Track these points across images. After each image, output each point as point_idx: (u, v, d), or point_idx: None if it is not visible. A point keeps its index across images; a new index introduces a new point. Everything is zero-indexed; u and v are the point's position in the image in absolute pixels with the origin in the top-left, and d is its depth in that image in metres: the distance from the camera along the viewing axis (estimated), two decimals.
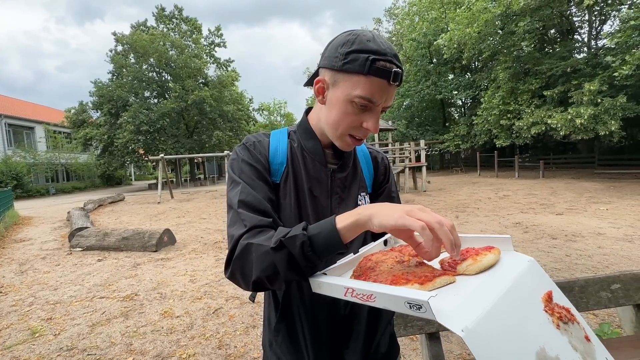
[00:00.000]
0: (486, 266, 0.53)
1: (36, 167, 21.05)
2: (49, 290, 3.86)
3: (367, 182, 0.84)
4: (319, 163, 0.77)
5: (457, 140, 20.35)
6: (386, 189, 0.87)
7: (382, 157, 0.91)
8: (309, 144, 0.78)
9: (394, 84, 0.63)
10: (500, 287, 0.47)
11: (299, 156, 0.77)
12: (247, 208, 0.65)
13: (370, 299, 0.47)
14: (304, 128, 0.80)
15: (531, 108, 14.55)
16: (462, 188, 12.63)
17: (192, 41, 23.89)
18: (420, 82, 22.66)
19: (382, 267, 0.58)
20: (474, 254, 0.55)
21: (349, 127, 0.68)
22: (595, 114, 11.59)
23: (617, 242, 4.55)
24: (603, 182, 11.62)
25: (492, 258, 0.54)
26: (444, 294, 0.45)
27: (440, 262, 0.59)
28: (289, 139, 0.80)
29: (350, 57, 0.62)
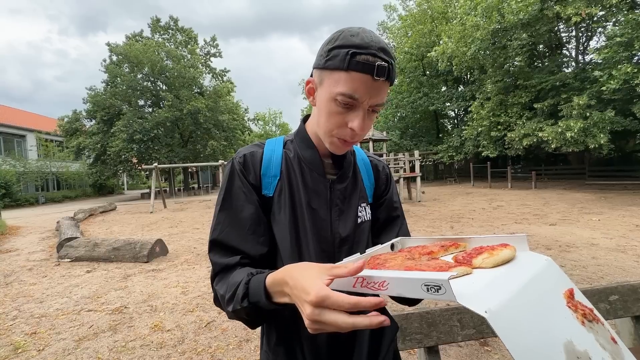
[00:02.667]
0: (503, 260, 0.51)
1: (26, 176, 20.67)
2: (34, 303, 3.72)
3: (367, 193, 0.81)
4: (318, 174, 0.74)
5: (451, 151, 20.58)
6: (387, 200, 0.85)
7: (383, 165, 0.89)
8: (306, 153, 0.75)
9: (380, 78, 0.58)
10: (521, 278, 0.45)
11: (295, 167, 0.74)
12: (218, 248, 0.67)
13: (382, 286, 0.44)
14: (301, 137, 0.77)
15: (522, 120, 14.84)
16: (456, 198, 12.70)
17: (187, 51, 24.04)
18: (413, 94, 23.04)
19: (393, 263, 0.56)
20: (489, 249, 0.53)
21: (334, 127, 0.65)
22: (585, 128, 11.84)
23: (610, 252, 4.59)
24: (594, 193, 11.80)
25: (508, 253, 0.52)
26: (463, 281, 0.43)
27: (454, 257, 0.56)
28: (284, 149, 0.77)
29: (332, 53, 0.60)
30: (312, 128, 0.76)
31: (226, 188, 0.70)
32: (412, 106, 22.71)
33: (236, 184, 0.70)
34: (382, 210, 0.84)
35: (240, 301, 0.57)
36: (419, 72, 23.85)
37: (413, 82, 23.39)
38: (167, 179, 25.67)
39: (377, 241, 0.79)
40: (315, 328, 0.44)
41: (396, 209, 0.85)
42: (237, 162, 0.72)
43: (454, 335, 1.31)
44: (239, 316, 0.60)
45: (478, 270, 0.49)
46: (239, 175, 0.70)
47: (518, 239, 0.58)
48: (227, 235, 0.66)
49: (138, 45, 21.25)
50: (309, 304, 0.43)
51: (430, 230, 6.85)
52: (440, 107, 22.66)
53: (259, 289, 0.55)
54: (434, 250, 0.62)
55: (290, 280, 0.48)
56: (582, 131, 11.91)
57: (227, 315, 0.62)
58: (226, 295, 0.59)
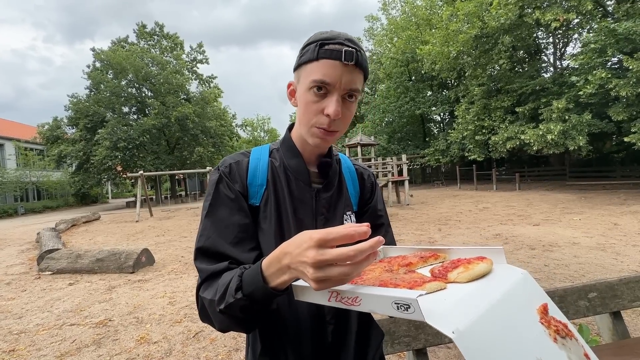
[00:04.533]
0: (478, 275, 0.51)
1: (4, 186, 19.90)
2: (12, 319, 3.57)
3: (352, 201, 0.82)
4: (303, 183, 0.74)
5: (437, 154, 20.95)
6: (371, 208, 0.85)
7: (368, 174, 0.89)
8: (292, 162, 0.75)
9: (349, 63, 0.61)
10: (494, 294, 0.45)
11: (281, 176, 0.74)
12: (204, 256, 0.65)
13: (355, 302, 0.45)
14: (287, 145, 0.77)
15: (505, 124, 15.27)
16: (444, 201, 12.90)
17: (172, 57, 23.80)
18: (399, 98, 23.42)
19: (371, 275, 0.57)
20: (465, 263, 0.54)
21: (312, 117, 0.66)
22: (564, 130, 12.27)
23: (590, 250, 4.74)
24: (575, 193, 12.20)
25: (484, 267, 0.53)
26: (434, 297, 0.43)
27: (431, 270, 0.57)
28: (270, 158, 0.77)
29: (304, 50, 0.65)
30: (297, 136, 0.76)
31: (213, 195, 0.69)
32: (399, 111, 23.07)
33: (223, 192, 0.69)
34: (366, 218, 0.84)
35: (234, 293, 0.54)
36: (405, 77, 24.29)
37: (399, 88, 23.79)
38: (153, 187, 25.17)
39: None
40: (320, 277, 0.44)
41: (380, 217, 0.86)
42: (223, 171, 0.72)
43: (442, 337, 1.33)
44: (232, 315, 0.56)
45: (452, 285, 0.49)
46: (226, 183, 0.70)
47: (495, 251, 0.59)
48: (215, 241, 0.65)
49: (122, 52, 20.91)
50: (312, 248, 0.44)
51: (419, 233, 6.93)
52: (426, 111, 23.09)
53: (254, 276, 0.53)
54: (413, 261, 0.62)
55: (288, 247, 0.49)
56: (562, 133, 12.34)
57: (216, 325, 0.60)
58: (216, 296, 0.57)
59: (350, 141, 15.08)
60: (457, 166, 19.80)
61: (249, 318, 0.58)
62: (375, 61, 25.95)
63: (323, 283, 0.44)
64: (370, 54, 27.67)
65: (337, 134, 0.70)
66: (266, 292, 0.52)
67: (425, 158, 21.77)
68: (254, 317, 0.58)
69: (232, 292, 0.54)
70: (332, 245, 0.43)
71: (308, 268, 0.44)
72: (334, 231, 0.43)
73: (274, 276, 0.51)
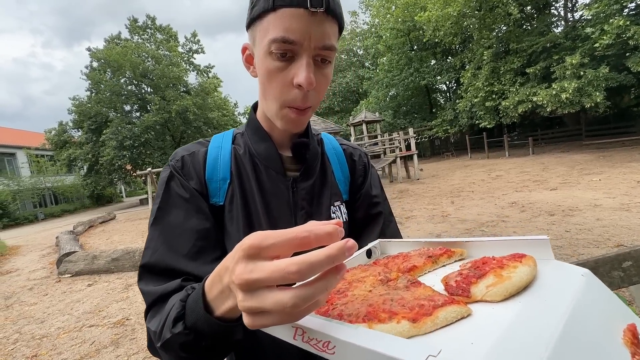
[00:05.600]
0: (518, 286, 0.35)
1: (21, 194, 20.46)
2: (35, 324, 3.65)
3: (341, 188, 0.68)
4: (276, 172, 0.61)
5: (445, 125, 20.37)
6: (363, 194, 0.70)
7: (360, 153, 0.75)
8: (259, 147, 0.61)
9: (318, 9, 0.45)
10: (552, 325, 0.28)
11: (247, 166, 0.61)
12: (150, 275, 0.51)
13: (327, 348, 0.30)
14: (252, 128, 0.63)
15: (515, 87, 14.59)
16: (455, 172, 12.61)
17: (167, 49, 23.40)
18: (403, 71, 22.61)
19: (358, 291, 0.41)
20: (496, 267, 0.37)
21: (279, 92, 0.51)
22: (580, 87, 11.65)
23: (614, 212, 4.51)
24: (592, 153, 11.70)
25: (525, 272, 0.36)
26: (455, 344, 0.28)
27: (444, 279, 0.40)
28: (233, 145, 0.63)
29: (255, 0, 0.49)
30: (263, 115, 0.62)
31: (162, 198, 0.56)
32: (403, 84, 22.32)
33: (174, 192, 0.56)
34: (359, 207, 0.70)
35: (172, 326, 0.40)
36: (406, 47, 23.33)
37: (402, 59, 22.92)
38: None
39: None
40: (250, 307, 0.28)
41: (377, 205, 0.71)
42: (174, 166, 0.58)
43: None
44: (173, 354, 0.43)
45: (480, 309, 0.34)
46: (178, 181, 0.57)
47: (537, 244, 0.41)
48: (163, 255, 0.51)
49: (117, 49, 20.64)
50: (241, 260, 0.29)
51: (431, 207, 6.78)
52: (432, 81, 22.29)
53: (197, 300, 0.39)
54: (418, 264, 0.47)
55: (227, 259, 0.33)
56: (577, 91, 11.72)
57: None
58: (158, 328, 0.44)
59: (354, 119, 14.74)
60: (467, 135, 19.27)
61: (199, 356, 0.43)
62: (375, 34, 24.96)
63: (258, 318, 0.29)
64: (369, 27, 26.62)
65: (311, 109, 0.55)
66: (211, 323, 0.37)
67: (433, 130, 21.22)
68: (209, 355, 0.43)
69: (170, 325, 0.41)
70: (270, 256, 0.28)
71: (237, 291, 0.29)
72: (274, 234, 0.28)
73: (217, 301, 0.37)
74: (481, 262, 0.40)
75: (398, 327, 0.31)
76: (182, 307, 0.41)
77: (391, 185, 11.33)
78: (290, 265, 0.26)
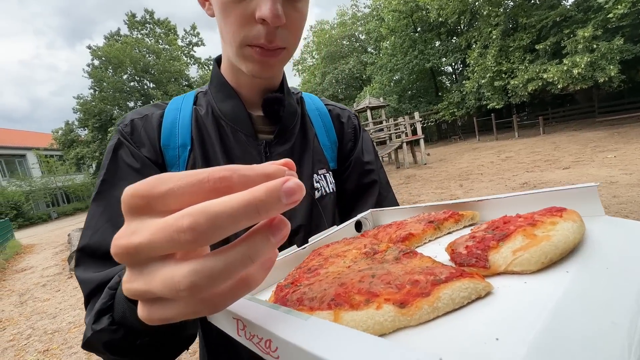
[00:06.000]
0: (562, 249, 0.24)
1: (34, 194, 20.89)
2: (47, 319, 3.70)
3: (327, 155, 0.59)
4: (245, 134, 0.52)
5: (452, 108, 19.92)
6: (354, 161, 0.61)
7: (348, 114, 0.65)
8: (225, 106, 0.52)
9: None
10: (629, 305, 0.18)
11: (210, 129, 0.52)
12: (89, 259, 0.43)
13: (270, 350, 0.21)
14: (216, 84, 0.54)
15: (524, 64, 14.08)
16: (463, 156, 12.36)
17: (166, 43, 23.24)
18: (407, 54, 22.05)
19: (334, 267, 0.32)
20: (525, 225, 0.27)
21: (239, 29, 0.42)
22: (592, 61, 11.18)
23: (631, 188, 4.32)
24: (606, 130, 11.30)
25: (570, 230, 0.25)
26: (468, 342, 0.19)
27: (450, 246, 0.29)
28: (195, 106, 0.54)
29: None
30: (228, 67, 0.52)
31: (107, 169, 0.48)
32: (407, 67, 21.79)
33: (122, 162, 0.48)
34: (349, 176, 0.61)
35: (93, 321, 0.33)
36: (410, 30, 22.68)
37: (405, 42, 22.31)
38: None
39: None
40: (137, 289, 0.19)
41: (370, 172, 0.61)
42: (123, 131, 0.50)
43: None
44: (102, 354, 0.36)
45: (506, 285, 0.23)
46: (127, 148, 0.49)
47: (578, 195, 0.30)
48: (106, 236, 0.43)
49: (117, 45, 20.58)
50: (125, 215, 0.20)
51: (440, 191, 6.64)
52: (437, 63, 21.71)
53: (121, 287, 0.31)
54: (416, 231, 0.36)
55: None
56: (590, 65, 11.26)
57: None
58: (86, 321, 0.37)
59: (358, 106, 14.48)
60: (474, 117, 18.82)
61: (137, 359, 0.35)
62: (376, 17, 24.30)
63: (155, 307, 0.20)
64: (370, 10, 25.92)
65: (285, 52, 0.45)
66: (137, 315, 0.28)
67: (439, 114, 20.79)
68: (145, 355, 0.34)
69: (92, 319, 0.34)
70: (167, 210, 0.19)
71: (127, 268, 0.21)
72: (175, 176, 0.19)
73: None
74: (501, 222, 0.29)
75: (377, 315, 0.21)
76: (110, 297, 0.33)
77: (398, 171, 11.17)
78: (181, 218, 0.17)
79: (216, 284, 0.18)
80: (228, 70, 0.53)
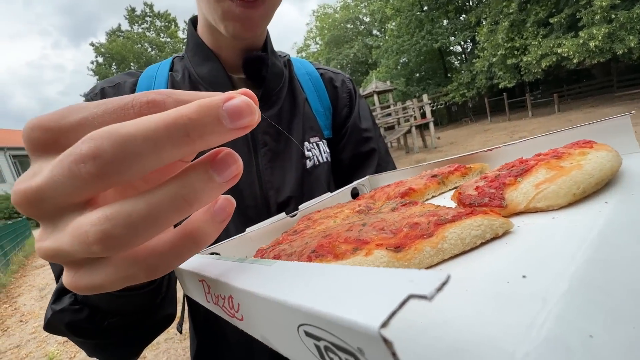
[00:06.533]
0: (598, 178, 0.20)
1: None
2: None
3: (320, 122, 0.53)
4: None
5: (462, 89, 19.40)
6: (349, 128, 0.55)
7: (342, 78, 0.59)
8: (202, 70, 0.46)
9: None
10: None
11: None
12: None
13: (234, 310, 0.18)
14: (193, 47, 0.48)
15: (538, 39, 13.48)
16: (474, 138, 12.06)
17: (168, 35, 23.17)
18: (414, 34, 21.42)
19: (320, 227, 0.26)
20: (548, 158, 0.22)
21: None
22: (611, 32, 10.61)
23: None
24: (625, 105, 10.82)
25: (604, 158, 0.21)
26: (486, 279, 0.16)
27: (457, 192, 0.25)
28: (170, 72, 0.49)
29: None
30: (205, 26, 0.47)
31: None
32: (414, 49, 21.20)
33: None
34: (346, 144, 0.55)
35: (55, 299, 0.31)
36: (416, 9, 21.95)
37: (412, 22, 21.65)
38: None
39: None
40: (47, 249, 0.15)
41: (368, 140, 0.56)
42: (91, 100, 0.45)
43: None
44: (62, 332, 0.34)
45: (531, 223, 0.19)
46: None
47: (611, 126, 0.27)
48: None
49: (119, 41, 20.64)
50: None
51: None
52: (445, 43, 21.06)
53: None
54: (417, 187, 0.30)
55: None
56: (608, 37, 10.70)
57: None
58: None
59: (364, 91, 14.20)
60: (486, 98, 18.30)
61: (107, 342, 0.32)
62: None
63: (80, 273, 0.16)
64: None
65: (266, 5, 0.40)
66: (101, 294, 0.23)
67: (449, 95, 20.28)
68: (123, 339, 0.32)
69: (52, 300, 0.32)
70: (69, 142, 0.14)
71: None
72: (90, 105, 0.15)
73: None
74: (518, 162, 0.25)
75: (366, 262, 0.18)
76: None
77: (407, 156, 10.99)
78: (81, 144, 0.13)
79: (140, 235, 0.14)
80: (205, 30, 0.47)
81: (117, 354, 0.35)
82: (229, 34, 0.41)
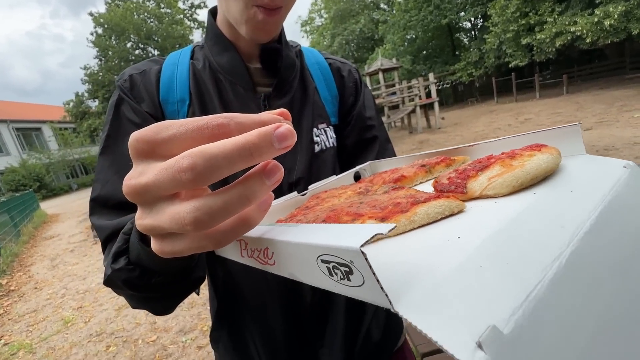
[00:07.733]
0: (532, 175, 0.26)
1: (53, 166, 21.63)
2: (78, 281, 3.99)
3: (328, 109, 0.59)
4: (243, 87, 0.52)
5: (470, 68, 18.88)
6: (355, 116, 0.60)
7: (349, 68, 0.64)
8: (222, 59, 0.51)
9: None
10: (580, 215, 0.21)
11: (208, 82, 0.52)
12: (103, 208, 0.46)
13: (268, 259, 0.24)
14: (212, 37, 0.53)
15: (554, 16, 12.94)
16: (479, 119, 11.92)
17: (166, 5, 22.35)
18: (422, 9, 20.57)
19: (327, 204, 0.35)
20: (505, 157, 0.29)
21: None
22: (627, 10, 10.17)
23: None
24: (636, 87, 10.57)
25: (544, 160, 0.27)
26: (433, 239, 0.22)
27: (435, 180, 0.33)
28: (191, 61, 0.53)
29: None
30: (225, 19, 0.51)
31: (110, 124, 0.50)
32: (422, 24, 20.43)
33: (124, 116, 0.49)
34: (350, 131, 0.61)
35: (112, 261, 0.36)
36: None
37: None
38: None
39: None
40: (148, 224, 0.22)
41: (371, 128, 0.62)
42: (122, 87, 0.50)
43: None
44: (122, 293, 0.41)
45: (478, 205, 0.26)
46: (128, 104, 0.50)
47: (564, 133, 0.32)
48: (116, 187, 0.46)
49: (118, 11, 19.96)
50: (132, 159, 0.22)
51: None
52: (454, 19, 20.25)
53: (135, 231, 0.35)
54: (408, 174, 0.38)
55: None
56: (624, 16, 10.28)
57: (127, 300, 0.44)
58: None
59: (370, 68, 13.88)
60: (493, 77, 17.86)
61: (153, 295, 0.39)
62: None
63: (166, 242, 0.23)
64: None
65: (282, 10, 0.46)
66: (152, 257, 0.32)
67: (456, 75, 19.78)
68: (166, 294, 0.40)
69: (110, 260, 0.37)
70: (171, 154, 0.20)
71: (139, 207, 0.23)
72: (176, 123, 0.20)
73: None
74: (486, 159, 0.31)
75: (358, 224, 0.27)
76: (125, 241, 0.36)
77: (410, 136, 10.93)
78: (182, 159, 0.18)
79: (217, 220, 0.20)
80: (224, 22, 0.52)
81: (158, 306, 0.44)
82: (248, 36, 0.47)
